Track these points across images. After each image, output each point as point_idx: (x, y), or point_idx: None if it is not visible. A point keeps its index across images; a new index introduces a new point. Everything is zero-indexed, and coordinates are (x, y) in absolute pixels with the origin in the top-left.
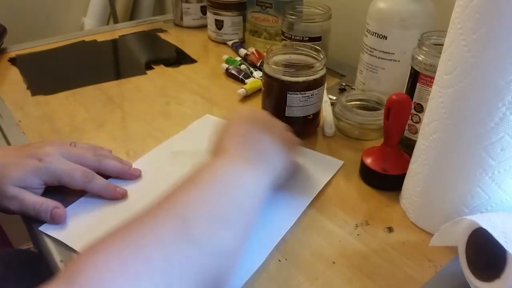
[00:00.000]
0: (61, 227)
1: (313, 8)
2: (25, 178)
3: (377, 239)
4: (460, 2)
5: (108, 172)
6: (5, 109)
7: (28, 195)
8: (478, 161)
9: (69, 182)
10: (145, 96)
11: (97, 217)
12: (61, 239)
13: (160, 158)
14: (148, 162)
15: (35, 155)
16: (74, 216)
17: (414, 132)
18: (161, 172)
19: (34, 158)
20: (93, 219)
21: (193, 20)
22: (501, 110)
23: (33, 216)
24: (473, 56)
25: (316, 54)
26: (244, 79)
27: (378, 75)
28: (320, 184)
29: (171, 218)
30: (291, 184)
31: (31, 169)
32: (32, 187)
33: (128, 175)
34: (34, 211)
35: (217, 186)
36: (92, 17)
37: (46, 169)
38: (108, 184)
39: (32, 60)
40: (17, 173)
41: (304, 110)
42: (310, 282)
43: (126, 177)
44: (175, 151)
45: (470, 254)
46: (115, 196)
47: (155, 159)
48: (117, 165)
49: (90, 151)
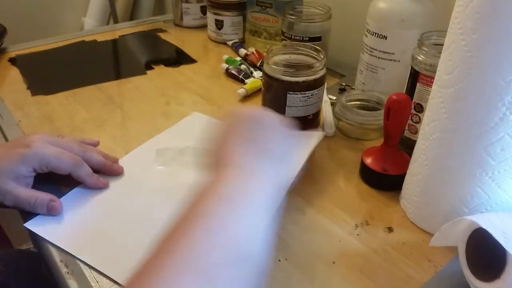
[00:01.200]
0: (45, 224)
1: (313, 8)
2: (15, 168)
3: (377, 239)
4: (460, 2)
5: (90, 164)
6: (5, 109)
7: (23, 190)
8: (478, 161)
9: (58, 165)
10: (145, 96)
11: (82, 214)
12: (45, 236)
13: (146, 156)
14: (134, 159)
15: (22, 144)
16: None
17: (414, 132)
18: (147, 170)
19: (21, 146)
20: (77, 216)
21: (193, 20)
22: (501, 110)
23: (28, 210)
24: (473, 56)
25: (316, 54)
26: (244, 79)
27: (378, 75)
28: (303, 157)
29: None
30: None
31: (19, 158)
32: (23, 175)
33: (109, 170)
34: (29, 206)
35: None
36: (92, 17)
37: (34, 154)
38: (93, 174)
39: (32, 60)
40: (6, 165)
41: (304, 110)
42: (310, 282)
43: (107, 172)
44: (160, 148)
45: (470, 254)
46: (98, 185)
47: (141, 156)
48: (100, 159)
49: (76, 143)
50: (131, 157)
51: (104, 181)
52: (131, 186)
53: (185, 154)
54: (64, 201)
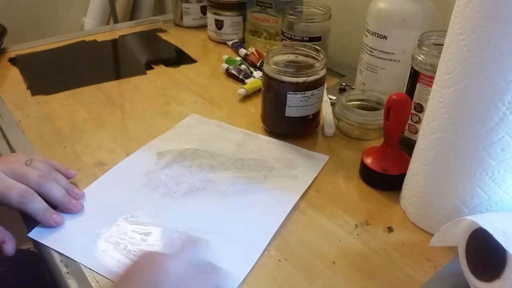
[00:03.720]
0: (49, 233)
1: (313, 8)
2: None
3: (377, 239)
4: (460, 2)
5: (47, 198)
6: (5, 109)
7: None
8: (478, 161)
9: (4, 200)
10: (145, 96)
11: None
12: (50, 246)
13: (146, 160)
14: (134, 162)
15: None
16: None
17: (414, 132)
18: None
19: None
20: (80, 223)
21: (193, 20)
22: (501, 110)
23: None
24: (473, 56)
25: (316, 54)
26: (244, 79)
27: (378, 75)
28: (307, 181)
29: None
30: (279, 184)
31: None
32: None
33: (65, 207)
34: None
35: None
36: (92, 17)
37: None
38: (46, 209)
39: (32, 60)
40: None
41: (304, 110)
42: (310, 282)
43: (63, 210)
44: (161, 151)
45: (470, 254)
46: (49, 223)
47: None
48: (58, 194)
49: (37, 173)
50: (132, 160)
51: (58, 219)
52: (131, 191)
53: (185, 156)
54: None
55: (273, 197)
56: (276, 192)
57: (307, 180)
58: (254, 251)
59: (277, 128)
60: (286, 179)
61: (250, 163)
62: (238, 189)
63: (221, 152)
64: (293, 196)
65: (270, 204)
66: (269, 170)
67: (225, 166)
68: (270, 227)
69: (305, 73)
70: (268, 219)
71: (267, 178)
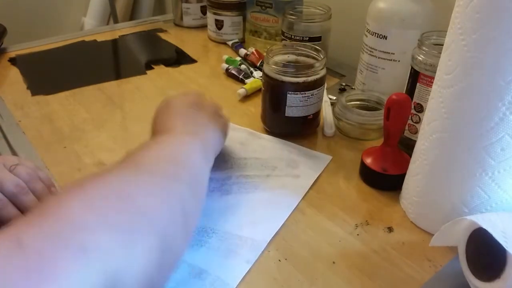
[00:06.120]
0: None
1: (313, 8)
2: None
3: (377, 239)
4: (460, 2)
5: (21, 208)
6: (5, 109)
7: None
8: (478, 161)
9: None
10: (145, 96)
11: None
12: None
13: None
14: None
15: None
16: None
17: (414, 132)
18: None
19: None
20: None
21: (193, 20)
22: (501, 110)
23: None
24: (473, 56)
25: (316, 54)
26: (244, 79)
27: (378, 75)
28: (310, 181)
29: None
30: (281, 183)
31: None
32: None
33: None
34: None
35: (174, 151)
36: (92, 17)
37: None
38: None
39: (32, 60)
40: None
41: (304, 110)
42: (310, 282)
43: None
44: None
45: (470, 254)
46: None
47: None
48: (32, 206)
49: (15, 181)
50: None
51: None
52: None
53: None
54: None
55: (276, 197)
56: (278, 192)
57: (310, 179)
58: (252, 254)
59: (277, 128)
60: (288, 178)
61: (253, 162)
62: (240, 187)
63: (223, 151)
64: (295, 196)
65: (272, 204)
66: (271, 169)
67: (228, 164)
68: (272, 227)
69: (305, 73)
70: (270, 219)
71: (270, 177)
